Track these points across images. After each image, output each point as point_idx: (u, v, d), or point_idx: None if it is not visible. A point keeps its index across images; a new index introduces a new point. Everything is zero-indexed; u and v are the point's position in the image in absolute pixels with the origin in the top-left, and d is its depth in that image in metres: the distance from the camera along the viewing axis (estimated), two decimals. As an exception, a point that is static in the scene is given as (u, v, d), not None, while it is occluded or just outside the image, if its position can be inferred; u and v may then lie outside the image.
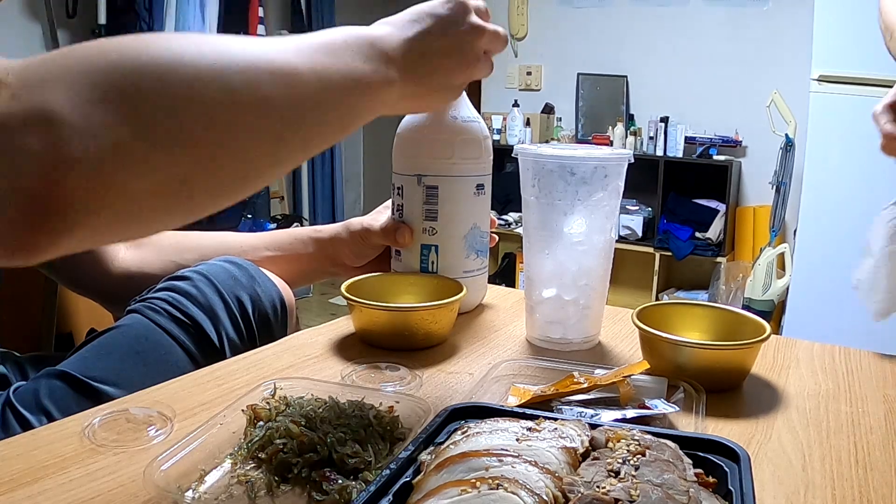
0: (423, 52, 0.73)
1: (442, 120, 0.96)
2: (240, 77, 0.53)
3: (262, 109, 0.55)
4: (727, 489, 0.47)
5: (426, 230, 0.99)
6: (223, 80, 0.52)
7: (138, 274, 1.05)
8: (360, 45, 0.67)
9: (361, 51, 0.66)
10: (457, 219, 0.99)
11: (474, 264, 1.02)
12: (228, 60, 0.53)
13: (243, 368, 0.81)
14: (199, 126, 0.51)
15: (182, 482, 0.55)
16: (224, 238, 1.09)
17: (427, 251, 0.99)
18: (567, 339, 0.90)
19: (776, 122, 3.83)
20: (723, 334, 0.84)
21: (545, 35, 5.20)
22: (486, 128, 1.01)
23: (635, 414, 0.66)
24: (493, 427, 0.51)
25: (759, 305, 3.80)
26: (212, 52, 0.53)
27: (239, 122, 0.53)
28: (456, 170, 0.97)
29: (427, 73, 0.74)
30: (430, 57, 0.74)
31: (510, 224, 5.09)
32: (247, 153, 0.55)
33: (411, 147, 0.98)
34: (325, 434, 0.59)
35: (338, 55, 0.63)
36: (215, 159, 0.53)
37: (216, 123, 0.52)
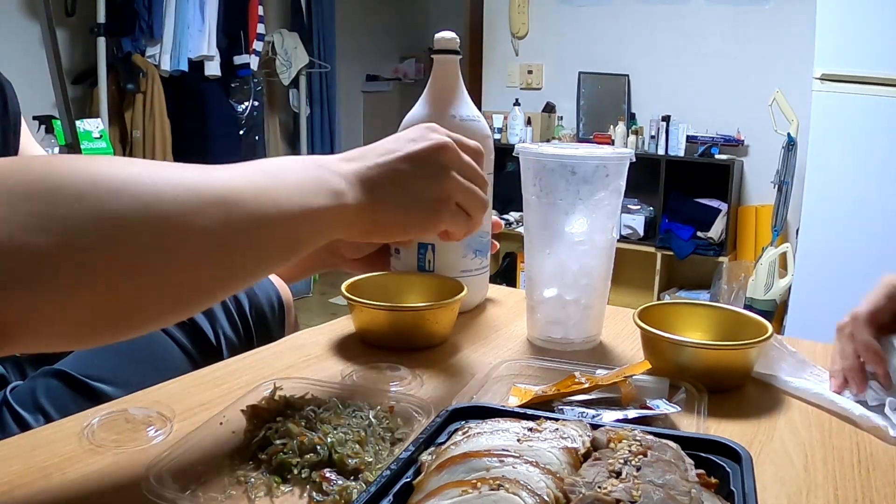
0: (386, 182, 0.69)
1: (443, 119, 0.95)
2: (173, 205, 0.53)
3: (196, 237, 0.54)
4: (729, 490, 0.47)
5: None
6: (157, 210, 0.52)
7: None
8: (315, 171, 0.65)
9: (314, 176, 0.64)
10: None
11: (473, 264, 1.01)
12: (162, 188, 0.53)
13: (243, 368, 0.81)
14: (131, 256, 0.51)
15: (181, 483, 0.55)
16: None
17: (424, 250, 0.99)
18: (568, 339, 0.90)
19: (778, 121, 3.83)
20: (725, 334, 0.84)
21: (546, 33, 5.20)
22: (487, 127, 1.00)
23: (637, 414, 0.66)
24: (493, 427, 0.51)
25: (761, 305, 3.80)
26: (149, 180, 0.53)
27: (173, 250, 0.53)
28: None
29: (386, 207, 0.69)
30: (391, 191, 0.69)
31: (511, 223, 5.09)
32: (183, 280, 0.55)
33: None
34: (325, 434, 0.59)
35: (287, 181, 0.62)
36: (151, 287, 0.53)
37: (149, 253, 0.52)
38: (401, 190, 0.69)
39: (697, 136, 4.53)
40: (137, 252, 0.51)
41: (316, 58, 5.39)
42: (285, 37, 5.11)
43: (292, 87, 5.34)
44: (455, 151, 0.73)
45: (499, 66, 5.43)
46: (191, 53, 4.24)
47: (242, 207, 0.57)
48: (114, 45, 4.12)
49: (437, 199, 0.71)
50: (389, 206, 0.69)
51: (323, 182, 0.64)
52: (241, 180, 0.58)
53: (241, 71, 4.64)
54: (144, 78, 4.11)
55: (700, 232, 4.49)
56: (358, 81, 6.35)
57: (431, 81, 1.00)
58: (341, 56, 5.73)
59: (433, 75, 1.00)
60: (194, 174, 0.55)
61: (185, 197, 0.53)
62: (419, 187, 0.70)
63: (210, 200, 0.55)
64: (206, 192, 0.55)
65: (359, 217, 0.67)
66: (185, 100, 4.36)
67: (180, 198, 0.53)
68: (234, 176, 0.58)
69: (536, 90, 5.28)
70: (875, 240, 3.02)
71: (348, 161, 0.68)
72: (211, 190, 0.55)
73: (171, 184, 0.53)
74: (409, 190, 0.70)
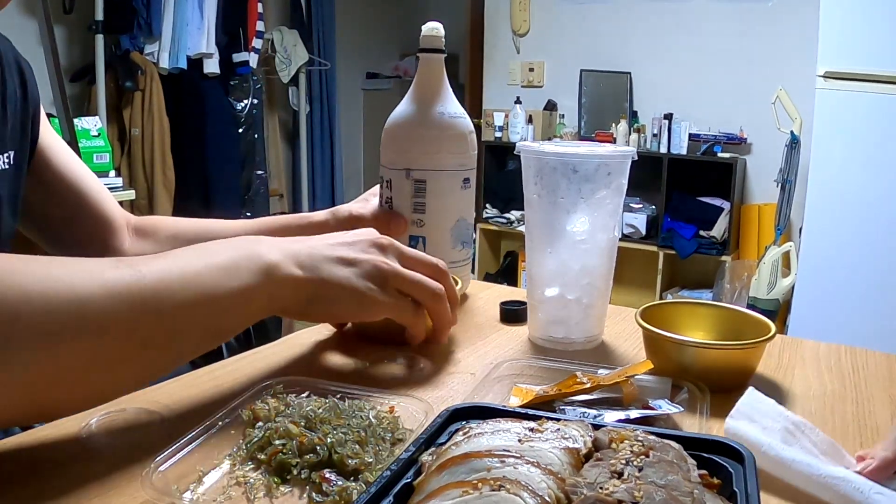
0: (324, 257, 0.72)
1: (430, 115, 1.01)
2: (94, 308, 0.56)
3: (116, 340, 0.58)
4: (732, 490, 0.47)
5: (414, 222, 1.02)
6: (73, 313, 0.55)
7: None
8: (247, 248, 0.68)
9: (245, 254, 0.67)
10: (444, 212, 1.03)
11: (460, 255, 1.06)
12: (86, 292, 0.56)
13: (242, 368, 0.81)
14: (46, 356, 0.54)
15: (180, 483, 0.55)
16: (216, 225, 1.09)
17: (415, 242, 1.03)
18: (570, 339, 0.90)
19: (781, 120, 3.83)
20: (727, 334, 0.84)
21: (548, 31, 5.20)
22: (470, 123, 1.05)
23: (639, 414, 0.66)
24: (494, 428, 0.51)
25: (764, 304, 3.79)
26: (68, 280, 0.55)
27: (92, 351, 0.56)
28: (443, 164, 1.01)
29: (322, 279, 0.71)
30: (328, 266, 0.72)
31: (512, 222, 5.09)
32: (104, 378, 0.59)
33: (400, 142, 1.03)
34: (324, 435, 0.59)
35: (215, 264, 0.65)
36: (70, 384, 0.57)
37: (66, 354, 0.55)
38: (334, 265, 0.72)
39: (700, 134, 4.52)
40: (54, 352, 0.54)
41: (316, 55, 5.38)
42: (285, 34, 5.11)
43: (292, 85, 5.34)
44: (397, 249, 0.78)
45: (500, 64, 5.42)
46: (189, 51, 4.24)
47: (167, 305, 0.60)
48: (112, 42, 4.12)
49: (371, 278, 0.74)
50: (322, 278, 0.71)
51: (255, 256, 0.67)
52: (167, 271, 0.61)
53: (240, 69, 4.63)
54: (143, 76, 4.11)
55: (703, 231, 4.49)
56: (358, 79, 6.34)
57: (417, 79, 1.05)
58: (341, 54, 5.72)
59: (418, 73, 1.05)
60: (119, 273, 0.58)
61: (115, 299, 0.57)
62: (353, 264, 0.74)
63: (134, 302, 0.58)
64: (132, 289, 0.58)
65: (292, 289, 0.70)
66: (184, 98, 4.36)
67: (109, 296, 0.56)
68: (160, 268, 0.61)
69: (538, 88, 5.28)
70: (879, 239, 3.02)
71: (286, 242, 0.72)
72: (137, 287, 0.58)
73: (101, 280, 0.57)
74: (342, 264, 0.73)
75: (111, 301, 0.56)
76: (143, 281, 0.58)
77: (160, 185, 4.19)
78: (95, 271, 0.57)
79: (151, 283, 0.59)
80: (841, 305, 3.13)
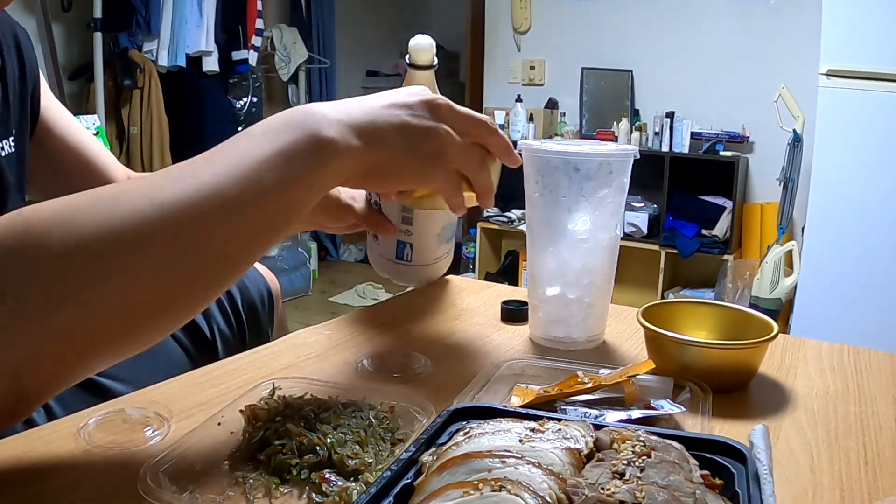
0: (379, 125, 0.68)
1: None
2: (160, 226, 0.54)
3: (189, 253, 0.56)
4: (734, 491, 0.47)
5: (402, 231, 1.02)
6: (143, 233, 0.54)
7: None
8: (301, 124, 0.64)
9: (299, 136, 0.63)
10: (431, 223, 1.02)
11: (444, 250, 1.08)
12: (146, 207, 0.54)
13: (241, 368, 0.81)
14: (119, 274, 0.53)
15: (179, 484, 0.55)
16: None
17: (403, 245, 1.03)
18: (571, 339, 0.90)
19: (784, 118, 3.82)
20: (730, 333, 0.84)
21: (549, 29, 5.19)
22: None
23: (640, 414, 0.66)
24: (495, 428, 0.51)
25: (767, 304, 3.79)
26: (131, 200, 0.55)
27: (160, 269, 0.55)
28: None
29: (378, 153, 0.68)
30: (383, 135, 0.68)
31: (513, 221, 5.09)
32: (179, 289, 0.57)
33: None
34: (324, 435, 0.59)
35: (271, 151, 0.61)
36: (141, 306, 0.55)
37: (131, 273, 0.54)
38: (394, 134, 0.68)
39: (702, 132, 4.52)
40: (127, 270, 0.53)
41: (315, 53, 5.38)
42: (284, 32, 5.11)
43: (291, 83, 5.34)
44: (451, 110, 0.72)
45: (501, 62, 5.42)
46: (188, 49, 4.24)
47: (228, 210, 0.57)
48: (111, 40, 4.11)
49: (431, 150, 0.70)
50: (382, 150, 0.68)
51: (310, 137, 0.63)
52: (223, 173, 0.58)
53: (239, 67, 4.63)
54: (142, 74, 4.11)
55: (704, 230, 4.49)
56: (358, 77, 6.35)
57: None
58: (341, 52, 5.73)
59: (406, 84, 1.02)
60: (174, 189, 0.56)
61: (171, 215, 0.54)
62: (414, 135, 0.69)
63: (195, 213, 0.55)
64: (187, 206, 0.55)
65: (352, 163, 0.66)
66: (183, 96, 4.36)
67: (166, 217, 0.54)
68: (215, 172, 0.58)
69: (539, 86, 5.27)
70: (883, 237, 3.02)
71: (339, 106, 0.67)
72: (192, 202, 0.55)
73: (155, 202, 0.54)
74: (402, 134, 0.69)
75: (172, 220, 0.54)
76: (202, 190, 0.56)
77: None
78: (148, 192, 0.55)
79: (213, 192, 0.57)
80: (844, 305, 3.12)
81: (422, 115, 0.70)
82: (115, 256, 0.52)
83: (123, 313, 0.53)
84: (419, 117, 0.70)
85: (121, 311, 0.53)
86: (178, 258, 0.55)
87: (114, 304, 0.52)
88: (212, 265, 0.57)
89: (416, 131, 0.69)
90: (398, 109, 0.69)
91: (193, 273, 0.56)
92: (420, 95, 0.71)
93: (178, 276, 0.55)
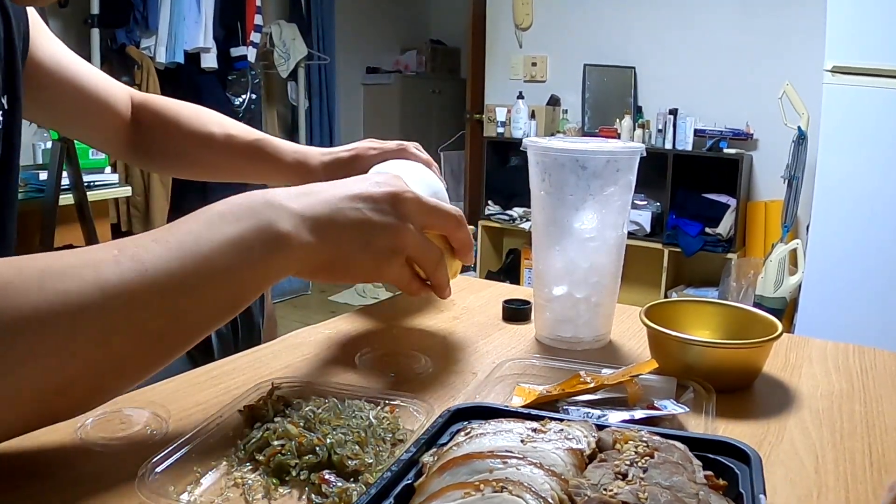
0: (337, 221, 0.68)
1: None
2: (101, 309, 0.54)
3: (127, 335, 0.56)
4: (738, 492, 0.47)
5: None
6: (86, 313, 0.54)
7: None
8: (259, 213, 0.64)
9: (256, 224, 0.63)
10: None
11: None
12: (90, 289, 0.55)
13: (240, 368, 0.81)
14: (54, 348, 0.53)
15: (177, 485, 0.55)
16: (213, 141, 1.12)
17: None
18: (578, 338, 0.90)
19: (788, 115, 3.82)
20: (733, 333, 0.84)
21: (551, 25, 5.19)
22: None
23: (643, 415, 0.66)
24: (497, 428, 0.51)
25: (771, 303, 3.79)
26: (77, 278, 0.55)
27: (104, 346, 0.55)
28: None
29: (333, 249, 0.68)
30: (340, 232, 0.68)
31: (514, 219, 5.09)
32: (114, 368, 0.57)
33: None
34: (324, 435, 0.59)
35: (224, 237, 0.61)
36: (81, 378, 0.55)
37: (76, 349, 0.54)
38: (352, 231, 0.68)
39: (706, 129, 4.52)
40: (63, 345, 0.53)
41: (315, 50, 5.38)
42: (283, 28, 5.11)
43: (291, 80, 5.34)
44: (418, 204, 0.72)
45: (502, 59, 5.42)
46: (186, 45, 4.24)
47: (176, 296, 0.58)
48: (108, 36, 4.12)
49: (388, 248, 0.70)
50: (337, 248, 0.68)
51: (264, 228, 0.63)
52: (172, 257, 0.58)
53: (237, 63, 4.63)
54: (139, 70, 4.11)
55: (708, 228, 4.49)
56: (358, 74, 6.35)
57: None
58: (341, 48, 5.72)
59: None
60: (121, 269, 0.56)
61: (112, 298, 0.55)
62: (372, 231, 0.69)
63: (138, 297, 0.56)
64: (130, 289, 0.56)
65: (304, 257, 0.66)
66: (181, 93, 4.33)
67: (107, 299, 0.54)
68: (164, 255, 0.58)
69: (541, 83, 5.28)
70: (888, 235, 3.01)
71: (300, 196, 0.67)
72: (137, 284, 0.56)
73: (100, 283, 0.55)
74: (361, 231, 0.69)
75: (113, 303, 0.54)
76: (146, 275, 0.56)
77: (156, 181, 4.19)
78: (91, 274, 0.55)
79: (156, 277, 0.56)
80: (849, 304, 3.12)
81: (385, 209, 0.70)
82: (50, 336, 0.52)
83: (50, 391, 0.54)
84: (381, 212, 0.70)
85: (48, 389, 0.54)
86: (115, 339, 0.55)
87: (44, 381, 0.53)
88: (147, 348, 0.58)
89: (374, 228, 0.69)
90: (361, 202, 0.69)
91: (128, 354, 0.57)
92: (387, 187, 0.71)
93: (111, 356, 0.56)
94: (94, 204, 3.21)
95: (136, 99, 1.13)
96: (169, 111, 1.12)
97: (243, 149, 1.08)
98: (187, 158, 1.13)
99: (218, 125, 1.10)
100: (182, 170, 1.20)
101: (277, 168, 1.07)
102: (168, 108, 1.12)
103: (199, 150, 1.10)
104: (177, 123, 1.10)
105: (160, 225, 2.47)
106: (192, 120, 1.11)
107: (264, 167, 1.08)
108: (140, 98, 1.13)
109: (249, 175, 1.13)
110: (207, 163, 1.12)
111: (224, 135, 1.09)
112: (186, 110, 1.12)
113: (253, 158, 1.08)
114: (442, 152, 6.06)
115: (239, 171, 1.12)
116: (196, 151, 1.11)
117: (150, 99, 1.13)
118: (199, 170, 1.16)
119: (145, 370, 0.60)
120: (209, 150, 1.09)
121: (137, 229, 4.05)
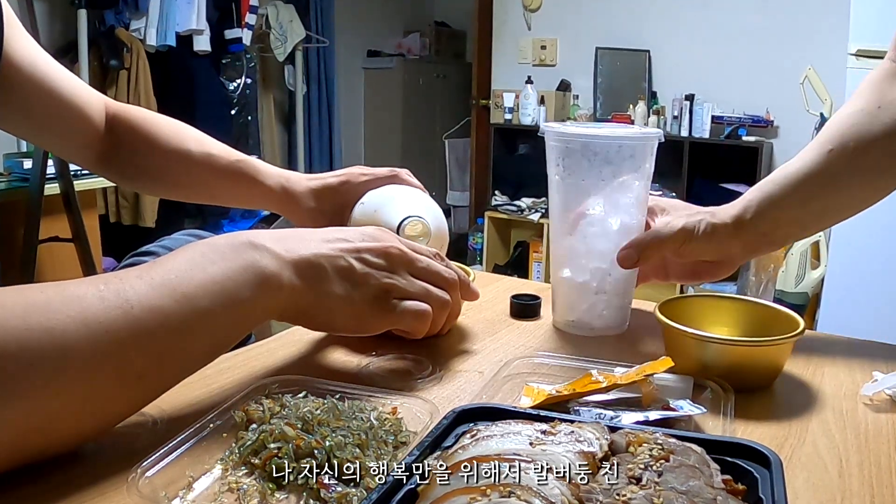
0: (326, 269, 0.72)
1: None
2: (86, 347, 0.56)
3: (110, 373, 0.58)
4: (758, 497, 0.47)
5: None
6: (69, 351, 0.55)
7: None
8: (245, 255, 0.67)
9: (242, 264, 0.66)
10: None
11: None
12: (73, 327, 0.56)
13: (235, 367, 0.81)
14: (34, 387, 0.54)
15: (169, 490, 0.55)
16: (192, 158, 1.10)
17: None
18: (592, 325, 0.93)
19: (810, 101, 3.82)
20: (753, 329, 0.84)
21: (561, 6, 5.18)
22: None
23: (658, 416, 0.66)
24: (504, 430, 0.51)
25: (792, 298, 3.79)
26: (62, 316, 0.56)
27: (85, 383, 0.57)
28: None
29: (323, 295, 0.72)
30: (330, 279, 0.72)
31: (522, 210, 5.08)
32: (96, 408, 0.59)
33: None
34: (323, 437, 0.59)
35: (209, 277, 0.64)
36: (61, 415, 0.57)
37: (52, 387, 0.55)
38: (337, 279, 0.72)
39: (723, 116, 4.52)
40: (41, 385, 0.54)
41: (313, 32, 5.38)
42: (280, 9, 5.10)
43: (288, 64, 5.34)
44: (406, 254, 0.77)
45: (510, 42, 5.41)
46: (178, 27, 4.24)
47: (160, 334, 0.60)
48: (96, 18, 4.12)
49: (385, 294, 0.75)
50: (324, 294, 0.72)
51: (250, 267, 0.66)
52: (157, 296, 0.60)
53: (232, 46, 4.63)
54: (129, 53, 4.11)
55: (726, 219, 4.48)
56: (358, 57, 6.34)
57: None
58: (340, 30, 5.72)
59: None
60: (106, 306, 0.57)
61: (97, 336, 0.56)
62: (357, 283, 0.73)
63: (122, 336, 0.57)
64: (115, 329, 0.57)
65: (290, 299, 0.69)
66: (173, 77, 4.36)
67: (94, 337, 0.56)
68: (148, 293, 0.60)
69: (550, 67, 5.27)
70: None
71: (284, 240, 0.70)
72: (121, 324, 0.57)
73: (87, 320, 0.56)
74: (345, 281, 0.73)
75: (96, 340, 0.56)
76: (131, 313, 0.58)
77: (147, 170, 4.19)
78: (75, 309, 0.56)
79: (141, 315, 0.58)
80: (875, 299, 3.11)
81: (371, 261, 0.75)
82: (36, 372, 0.54)
83: (31, 429, 0.55)
84: (368, 264, 0.74)
85: (30, 426, 0.55)
86: (98, 377, 0.57)
87: (26, 418, 0.54)
88: (128, 388, 0.60)
89: (360, 278, 0.74)
90: (347, 253, 0.74)
91: (109, 394, 0.59)
92: (376, 239, 0.76)
93: (94, 395, 0.57)
94: (82, 194, 3.21)
95: (110, 109, 1.10)
96: (146, 125, 1.09)
97: (222, 170, 1.07)
98: (163, 178, 1.12)
99: (196, 142, 1.08)
100: (157, 189, 1.19)
101: (260, 192, 1.07)
102: (145, 122, 1.09)
103: (177, 169, 1.09)
104: (154, 139, 1.08)
105: (150, 217, 2.56)
106: (171, 137, 1.08)
107: (245, 190, 1.08)
108: (115, 108, 1.11)
109: (228, 198, 1.13)
110: (185, 183, 1.11)
111: (203, 153, 1.08)
112: (165, 126, 1.10)
113: (233, 180, 1.07)
114: (447, 140, 6.04)
115: (218, 193, 1.12)
116: (173, 170, 1.09)
117: (126, 110, 1.11)
118: (177, 190, 1.15)
119: (123, 412, 0.62)
120: (186, 170, 1.08)
121: (127, 221, 4.06)
